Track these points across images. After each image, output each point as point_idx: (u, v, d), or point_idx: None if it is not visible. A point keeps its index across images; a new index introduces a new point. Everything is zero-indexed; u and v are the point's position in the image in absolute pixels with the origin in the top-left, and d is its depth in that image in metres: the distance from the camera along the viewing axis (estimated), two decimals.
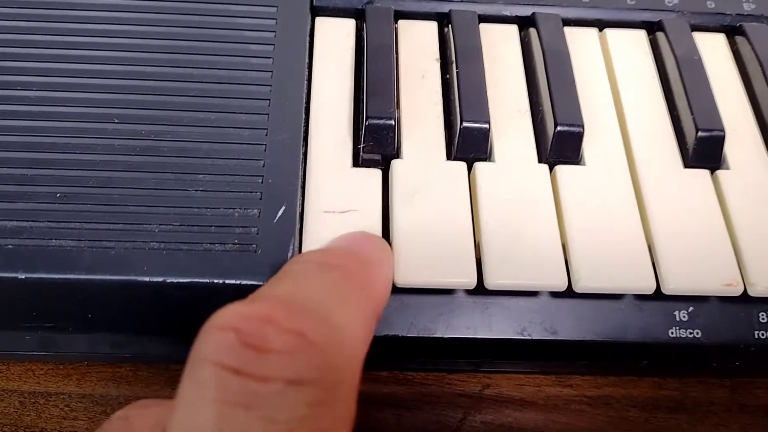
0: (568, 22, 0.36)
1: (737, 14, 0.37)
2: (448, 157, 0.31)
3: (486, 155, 0.31)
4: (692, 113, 0.32)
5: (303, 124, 0.31)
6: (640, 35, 0.36)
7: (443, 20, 0.35)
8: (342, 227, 0.29)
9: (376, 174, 0.31)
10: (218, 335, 0.19)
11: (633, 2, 0.37)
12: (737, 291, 0.29)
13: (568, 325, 0.29)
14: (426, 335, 0.28)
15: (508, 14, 0.36)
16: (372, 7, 0.35)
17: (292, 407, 0.18)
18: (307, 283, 0.23)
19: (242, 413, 0.18)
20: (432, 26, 0.35)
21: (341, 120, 0.32)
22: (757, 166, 0.32)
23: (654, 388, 0.33)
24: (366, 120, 0.30)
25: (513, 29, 0.36)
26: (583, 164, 0.32)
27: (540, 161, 0.32)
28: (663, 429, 0.32)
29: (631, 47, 0.36)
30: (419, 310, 0.29)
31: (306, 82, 0.32)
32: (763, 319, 0.30)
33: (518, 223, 0.29)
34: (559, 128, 0.31)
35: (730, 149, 0.32)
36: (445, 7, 0.35)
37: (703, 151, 0.31)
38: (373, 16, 0.34)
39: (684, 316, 0.30)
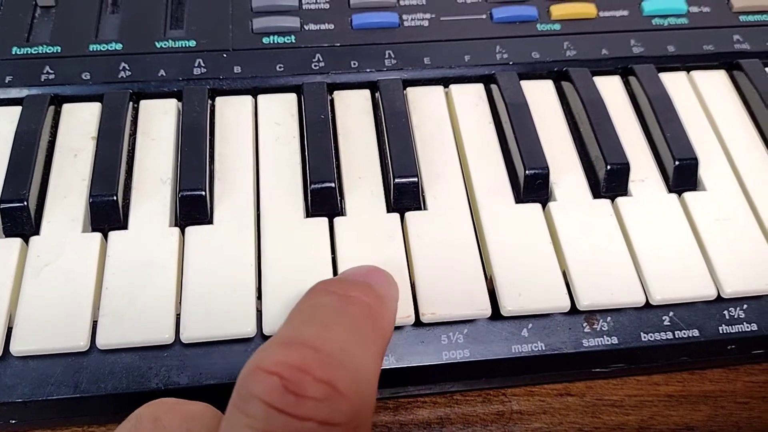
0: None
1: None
2: (87, 229, 0.35)
3: (121, 224, 0.35)
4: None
5: None
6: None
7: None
8: None
9: (12, 244, 0.33)
10: (265, 378, 0.24)
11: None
12: None
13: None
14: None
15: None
16: (30, 96, 0.38)
17: None
18: (332, 323, 0.27)
19: None
20: (94, 107, 0.39)
21: None
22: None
23: None
24: (0, 204, 0.33)
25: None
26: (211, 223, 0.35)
27: (172, 224, 0.35)
28: None
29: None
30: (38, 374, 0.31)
31: None
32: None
33: (138, 286, 0.32)
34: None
35: None
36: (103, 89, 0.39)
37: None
38: (27, 105, 0.37)
39: None
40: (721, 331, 0.35)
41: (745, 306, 0.35)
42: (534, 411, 0.37)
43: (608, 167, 0.37)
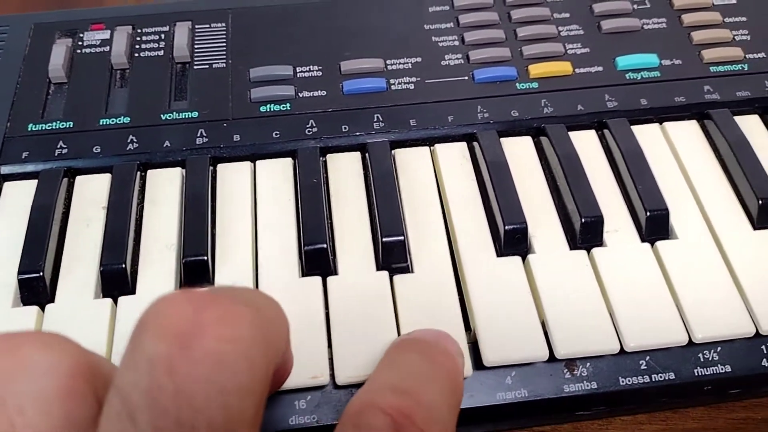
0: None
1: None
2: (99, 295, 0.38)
3: (130, 290, 0.37)
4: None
5: None
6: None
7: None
8: None
9: (30, 312, 0.36)
10: (381, 416, 0.26)
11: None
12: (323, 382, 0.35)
13: None
14: None
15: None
16: (45, 171, 0.41)
17: None
18: (426, 381, 0.29)
19: None
20: (104, 178, 0.42)
21: (7, 272, 0.38)
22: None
23: None
24: (18, 275, 0.36)
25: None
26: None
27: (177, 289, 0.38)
28: None
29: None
30: None
31: None
32: None
33: None
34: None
35: None
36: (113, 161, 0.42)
37: None
38: (42, 179, 0.41)
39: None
40: (696, 374, 0.37)
41: (718, 348, 0.37)
42: None
43: (582, 220, 0.39)
